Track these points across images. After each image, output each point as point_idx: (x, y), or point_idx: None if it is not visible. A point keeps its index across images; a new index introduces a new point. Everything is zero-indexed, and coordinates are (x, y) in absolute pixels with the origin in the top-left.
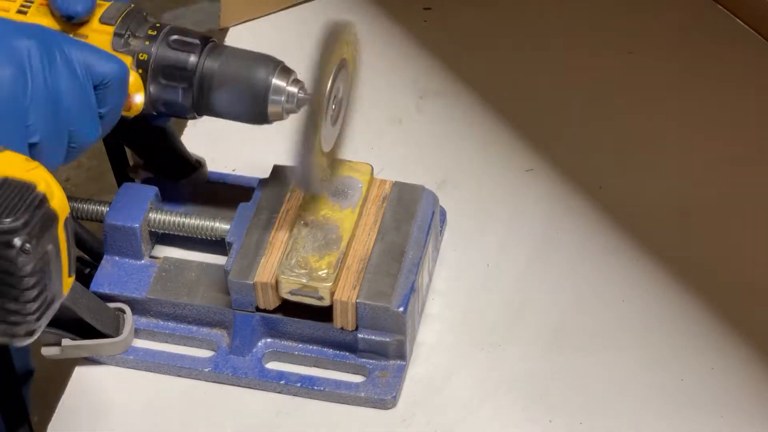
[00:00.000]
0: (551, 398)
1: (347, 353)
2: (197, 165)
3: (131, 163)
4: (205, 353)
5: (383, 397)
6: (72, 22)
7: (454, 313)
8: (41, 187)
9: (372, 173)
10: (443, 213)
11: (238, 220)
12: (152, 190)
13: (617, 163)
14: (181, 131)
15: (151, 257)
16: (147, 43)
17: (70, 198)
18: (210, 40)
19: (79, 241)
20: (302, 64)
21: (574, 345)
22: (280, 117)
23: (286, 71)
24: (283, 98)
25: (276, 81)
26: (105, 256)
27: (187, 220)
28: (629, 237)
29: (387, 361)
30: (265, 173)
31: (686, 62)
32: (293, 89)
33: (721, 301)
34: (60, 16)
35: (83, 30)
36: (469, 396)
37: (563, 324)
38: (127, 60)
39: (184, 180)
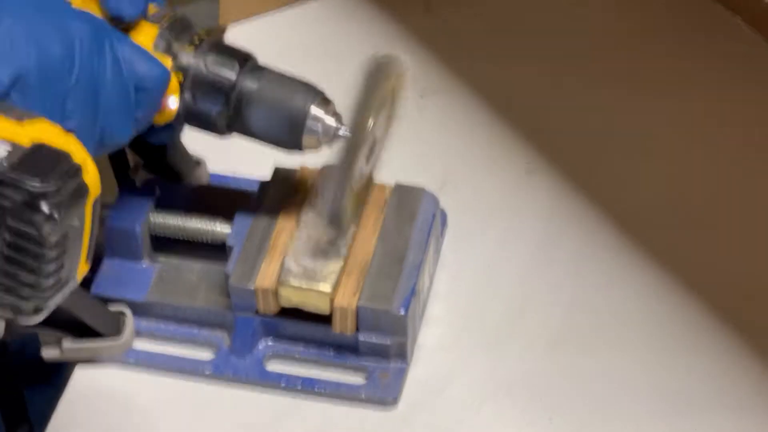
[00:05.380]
0: (552, 399)
1: (348, 354)
2: (197, 165)
3: (132, 164)
4: (206, 355)
5: (384, 399)
6: (122, 22)
7: (454, 315)
8: (77, 158)
9: (372, 180)
10: (444, 215)
11: (239, 223)
12: (153, 192)
13: (617, 163)
14: (180, 131)
15: (151, 260)
16: (189, 49)
17: None
18: (253, 58)
19: None
20: (302, 64)
21: (574, 346)
22: (314, 147)
23: (325, 101)
24: (320, 128)
25: (315, 109)
26: (105, 259)
27: (187, 223)
28: (630, 237)
29: (388, 363)
30: (267, 175)
31: (686, 62)
32: (331, 121)
33: (722, 301)
34: (109, 16)
35: (128, 27)
36: (470, 397)
37: (564, 325)
38: (167, 61)
39: (184, 182)
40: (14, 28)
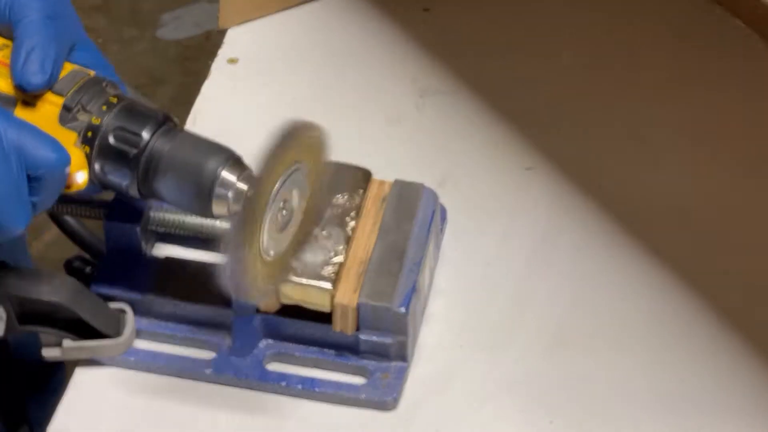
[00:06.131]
0: (552, 399)
1: (348, 354)
2: None
3: None
4: (206, 354)
5: (384, 399)
6: (24, 92)
7: (455, 313)
8: None
9: (371, 176)
10: (444, 211)
11: None
12: None
13: (617, 162)
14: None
15: (152, 256)
16: (95, 120)
17: (70, 199)
18: (167, 121)
19: (80, 240)
20: (301, 65)
21: (574, 345)
22: (225, 214)
23: (238, 165)
24: (230, 194)
25: (226, 174)
26: (106, 256)
27: (187, 219)
28: (629, 236)
29: (388, 363)
30: None
31: (686, 62)
32: (243, 186)
33: (721, 301)
34: (14, 84)
35: (34, 98)
36: (470, 397)
37: (564, 324)
38: (72, 136)
39: None
40: None
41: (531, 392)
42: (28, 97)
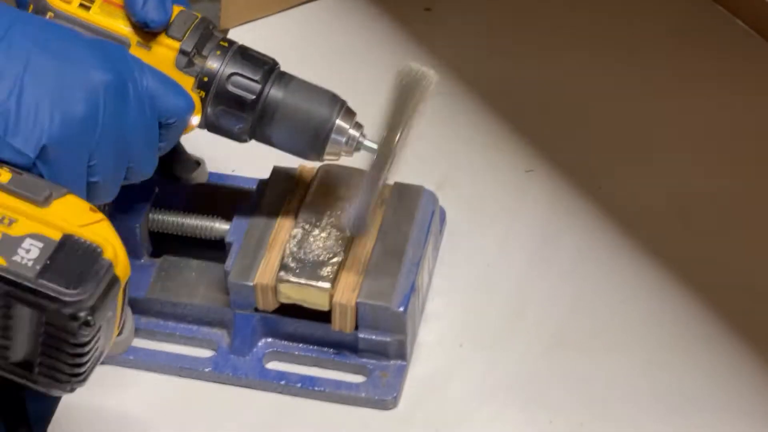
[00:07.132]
0: (551, 399)
1: (348, 353)
2: (197, 165)
3: None
4: (206, 353)
5: (384, 398)
6: (145, 30)
7: (454, 313)
8: (108, 254)
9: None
10: (443, 213)
11: (238, 221)
12: (152, 190)
13: (617, 163)
14: None
15: (151, 256)
16: (211, 65)
17: None
18: (276, 67)
19: None
20: (302, 65)
21: (574, 345)
22: (335, 157)
23: (349, 112)
24: (343, 140)
25: (340, 122)
26: None
27: (186, 221)
28: (629, 237)
29: (388, 361)
30: (265, 174)
31: (686, 62)
32: (355, 133)
33: (721, 301)
34: (134, 22)
35: (150, 41)
36: (470, 396)
37: (563, 324)
38: (189, 81)
39: (183, 180)
40: (38, 92)
41: (531, 392)
42: (144, 38)
